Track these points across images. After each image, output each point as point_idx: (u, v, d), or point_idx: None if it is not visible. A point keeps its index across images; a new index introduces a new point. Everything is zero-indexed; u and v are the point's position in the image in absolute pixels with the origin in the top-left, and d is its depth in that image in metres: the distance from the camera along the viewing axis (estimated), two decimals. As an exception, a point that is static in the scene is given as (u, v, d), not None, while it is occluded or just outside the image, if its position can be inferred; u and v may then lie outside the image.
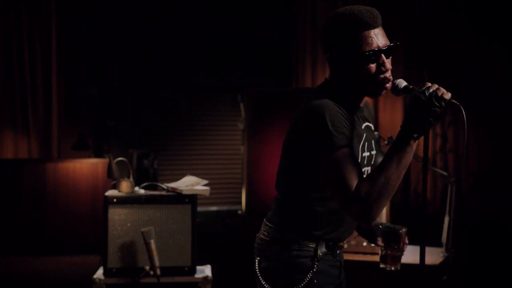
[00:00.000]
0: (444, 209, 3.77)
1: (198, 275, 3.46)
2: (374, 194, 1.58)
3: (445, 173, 3.82)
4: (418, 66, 6.40)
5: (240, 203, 7.04)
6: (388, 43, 1.73)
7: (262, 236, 1.90)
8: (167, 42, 7.60)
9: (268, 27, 7.67)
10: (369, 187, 1.59)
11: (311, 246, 1.81)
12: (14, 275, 5.26)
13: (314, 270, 1.80)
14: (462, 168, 6.56)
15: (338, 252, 1.91)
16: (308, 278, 1.79)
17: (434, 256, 3.65)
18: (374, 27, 1.71)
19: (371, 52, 1.69)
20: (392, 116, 6.69)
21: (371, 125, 1.92)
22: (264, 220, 1.93)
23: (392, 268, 1.91)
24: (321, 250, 1.82)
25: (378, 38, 1.71)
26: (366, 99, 1.88)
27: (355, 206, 1.60)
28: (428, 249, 3.43)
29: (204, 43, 7.71)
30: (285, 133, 1.85)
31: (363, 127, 1.84)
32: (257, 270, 1.88)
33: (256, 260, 1.89)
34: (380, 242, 1.94)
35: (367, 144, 1.85)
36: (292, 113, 1.86)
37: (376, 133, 3.64)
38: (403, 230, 1.90)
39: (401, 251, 1.90)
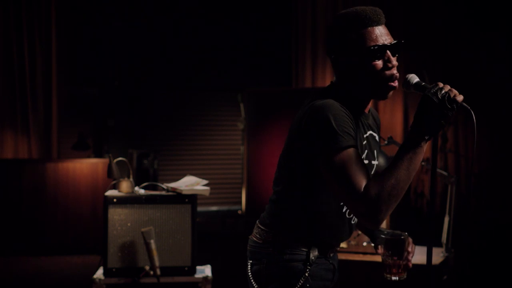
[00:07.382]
0: (444, 209, 3.77)
1: (198, 275, 3.46)
2: (384, 196, 1.54)
3: (445, 173, 3.81)
4: (418, 66, 6.39)
5: (240, 203, 7.04)
6: (393, 41, 1.71)
7: (254, 239, 1.86)
8: (167, 42, 7.61)
9: (268, 27, 7.67)
10: (378, 188, 1.54)
11: (304, 250, 1.78)
12: (14, 275, 5.26)
13: (307, 274, 1.77)
14: (462, 168, 6.57)
15: (331, 255, 1.87)
16: (300, 282, 1.76)
17: (434, 256, 3.64)
18: (378, 24, 1.69)
19: (376, 47, 1.66)
20: (392, 116, 6.68)
21: (375, 134, 1.88)
22: (257, 222, 1.89)
23: (397, 278, 1.83)
24: (314, 254, 1.78)
25: (383, 35, 1.69)
26: (371, 105, 1.84)
27: (364, 208, 1.55)
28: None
29: (204, 43, 7.71)
30: (285, 133, 1.82)
31: (366, 135, 1.80)
32: (249, 273, 1.84)
33: (249, 263, 1.85)
34: (380, 250, 1.88)
35: (367, 153, 1.80)
36: (292, 113, 1.82)
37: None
38: (405, 236, 1.83)
39: (406, 259, 1.83)
